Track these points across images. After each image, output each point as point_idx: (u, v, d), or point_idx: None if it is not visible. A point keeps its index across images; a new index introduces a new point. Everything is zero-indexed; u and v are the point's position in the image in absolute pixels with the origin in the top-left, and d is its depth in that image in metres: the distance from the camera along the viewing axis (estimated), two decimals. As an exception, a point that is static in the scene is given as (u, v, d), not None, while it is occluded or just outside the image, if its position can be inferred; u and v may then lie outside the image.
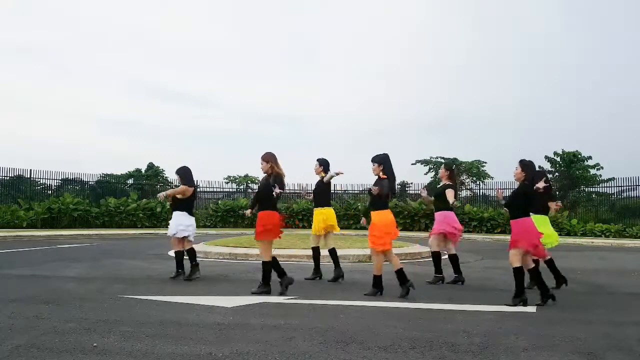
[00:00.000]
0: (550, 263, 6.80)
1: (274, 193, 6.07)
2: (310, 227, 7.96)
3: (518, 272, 5.51)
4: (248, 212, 6.63)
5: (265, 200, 6.21)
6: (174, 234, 7.37)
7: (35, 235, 16.71)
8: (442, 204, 7.37)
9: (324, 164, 7.55)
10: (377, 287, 6.06)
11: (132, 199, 22.92)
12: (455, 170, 7.76)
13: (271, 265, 6.09)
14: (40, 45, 51.69)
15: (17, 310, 5.04)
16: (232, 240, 13.19)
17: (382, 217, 6.01)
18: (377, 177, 6.09)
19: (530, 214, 6.12)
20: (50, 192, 23.86)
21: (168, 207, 7.37)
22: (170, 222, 7.51)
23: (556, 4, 53.19)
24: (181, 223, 7.35)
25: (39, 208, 20.78)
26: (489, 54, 55.92)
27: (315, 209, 7.57)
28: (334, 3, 56.89)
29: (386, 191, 5.98)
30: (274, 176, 6.20)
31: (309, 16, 57.17)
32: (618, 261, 11.55)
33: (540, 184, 5.66)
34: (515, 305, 5.47)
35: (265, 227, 6.05)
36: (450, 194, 7.17)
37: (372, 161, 6.14)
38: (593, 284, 7.60)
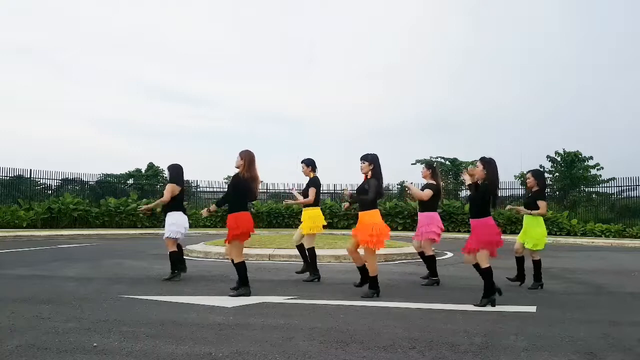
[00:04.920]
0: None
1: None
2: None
3: (487, 272, 5.57)
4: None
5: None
6: (171, 236, 7.28)
7: (35, 235, 16.71)
8: (425, 204, 7.32)
9: (310, 164, 7.56)
10: (374, 288, 6.06)
11: (132, 199, 22.91)
12: (437, 168, 7.71)
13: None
14: (40, 45, 51.73)
15: (17, 310, 5.04)
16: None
17: (374, 217, 5.99)
18: (365, 176, 6.08)
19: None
20: (50, 192, 23.88)
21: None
22: (167, 222, 7.33)
23: (556, 4, 53.17)
24: (175, 223, 7.27)
25: (39, 208, 20.79)
26: (489, 54, 55.97)
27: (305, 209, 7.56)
28: (334, 3, 56.93)
29: (374, 192, 5.97)
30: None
31: (309, 16, 57.19)
32: (618, 261, 11.56)
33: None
34: (483, 305, 5.49)
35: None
36: (427, 193, 7.18)
37: (361, 159, 6.08)
38: (593, 284, 7.59)
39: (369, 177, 6.04)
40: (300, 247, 7.62)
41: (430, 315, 5.14)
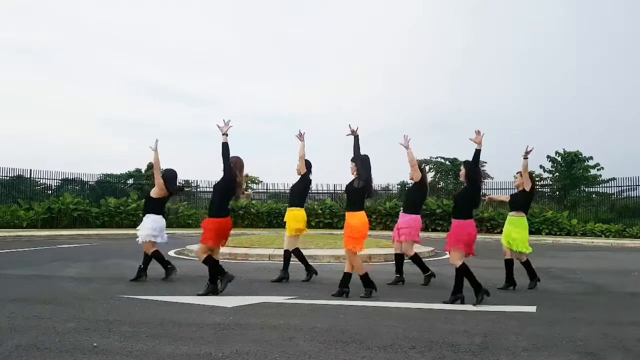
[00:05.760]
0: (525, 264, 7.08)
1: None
2: (310, 227, 7.94)
3: (460, 270, 5.63)
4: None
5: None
6: (146, 240, 7.27)
7: (35, 235, 16.71)
8: (410, 204, 7.34)
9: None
10: (369, 285, 6.07)
11: (132, 199, 22.91)
12: (425, 169, 7.76)
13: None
14: (40, 45, 51.64)
15: (17, 310, 5.04)
16: (232, 240, 13.16)
17: (360, 219, 5.98)
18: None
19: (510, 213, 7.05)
20: (50, 192, 23.89)
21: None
22: (144, 224, 7.33)
23: (556, 4, 53.20)
24: (155, 228, 7.28)
25: (39, 208, 20.80)
26: (489, 54, 55.90)
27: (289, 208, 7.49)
28: (334, 3, 56.86)
29: (364, 177, 5.95)
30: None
31: (308, 16, 57.15)
32: (618, 261, 11.56)
33: None
34: (452, 302, 5.55)
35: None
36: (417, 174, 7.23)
37: (351, 161, 6.12)
38: (593, 284, 7.60)
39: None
40: (296, 252, 7.55)
41: (430, 315, 5.14)
